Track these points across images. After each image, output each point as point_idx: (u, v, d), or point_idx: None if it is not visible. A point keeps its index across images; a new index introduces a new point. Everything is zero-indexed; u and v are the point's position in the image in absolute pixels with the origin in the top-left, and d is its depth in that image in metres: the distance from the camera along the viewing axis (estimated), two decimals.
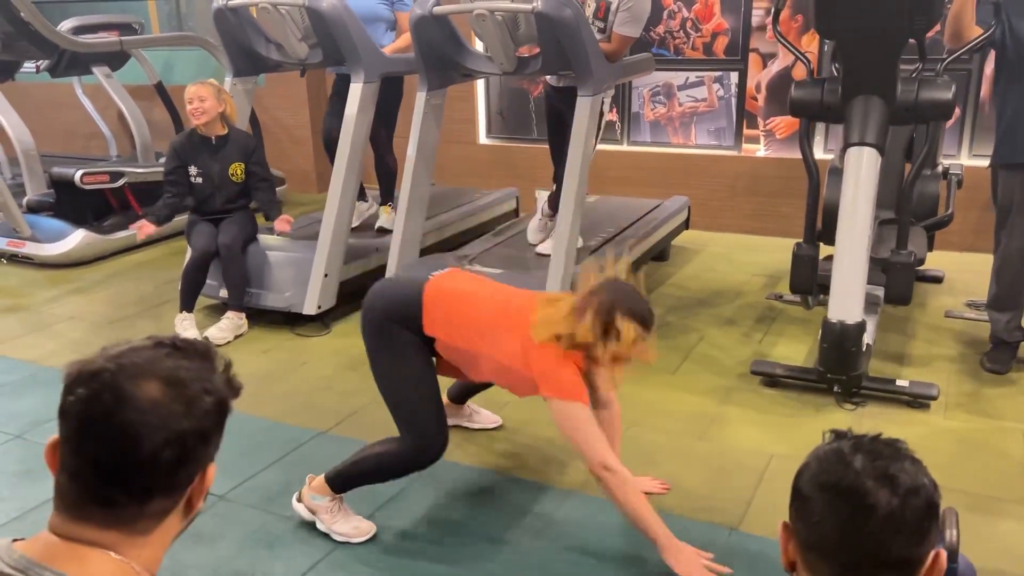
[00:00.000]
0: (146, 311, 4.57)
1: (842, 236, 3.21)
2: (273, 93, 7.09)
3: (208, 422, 1.02)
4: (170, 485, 1.00)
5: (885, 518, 1.00)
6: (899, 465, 1.04)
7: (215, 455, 1.07)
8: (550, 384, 2.27)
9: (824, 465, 1.07)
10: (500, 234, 4.83)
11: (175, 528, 1.05)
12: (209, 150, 4.17)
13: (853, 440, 1.09)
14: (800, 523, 1.08)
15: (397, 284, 2.77)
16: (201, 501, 1.07)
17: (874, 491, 1.01)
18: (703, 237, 5.68)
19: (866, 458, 1.05)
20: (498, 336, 2.38)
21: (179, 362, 1.01)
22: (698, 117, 5.89)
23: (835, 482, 1.04)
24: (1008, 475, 2.80)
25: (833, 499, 1.04)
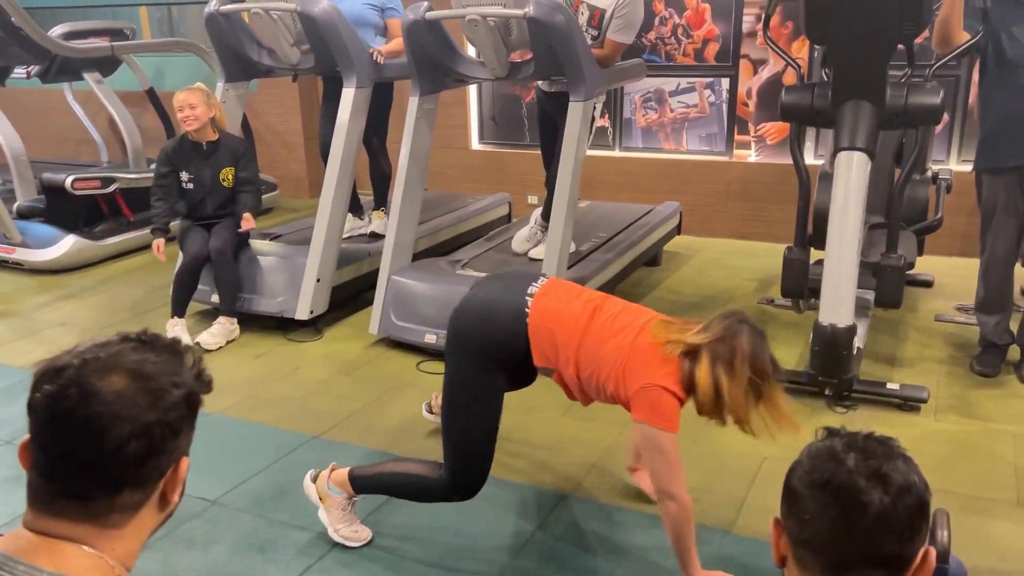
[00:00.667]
0: (137, 317, 4.56)
1: (832, 240, 3.22)
2: (265, 99, 7.09)
3: (175, 414, 1.02)
4: (139, 478, 1.00)
5: (877, 516, 1.01)
6: (891, 464, 1.04)
7: (187, 449, 1.07)
8: (646, 409, 2.13)
9: (817, 463, 1.07)
10: (493, 239, 4.83)
11: (151, 522, 1.06)
12: (200, 156, 4.16)
13: (846, 438, 1.10)
14: (792, 519, 1.09)
15: (495, 311, 2.32)
16: (176, 495, 1.07)
17: (867, 490, 1.02)
18: (695, 242, 5.70)
19: (859, 456, 1.05)
20: (600, 355, 2.21)
21: (145, 355, 1.02)
22: (689, 123, 5.92)
23: (827, 480, 1.04)
24: (998, 476, 2.81)
25: (826, 497, 1.04)
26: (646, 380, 2.12)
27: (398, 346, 4.00)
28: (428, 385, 3.62)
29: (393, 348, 4.01)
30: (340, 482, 2.51)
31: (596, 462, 2.91)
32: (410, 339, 3.91)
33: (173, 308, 4.13)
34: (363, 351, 4.01)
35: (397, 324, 3.95)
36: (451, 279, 4.01)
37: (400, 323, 3.94)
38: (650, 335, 2.17)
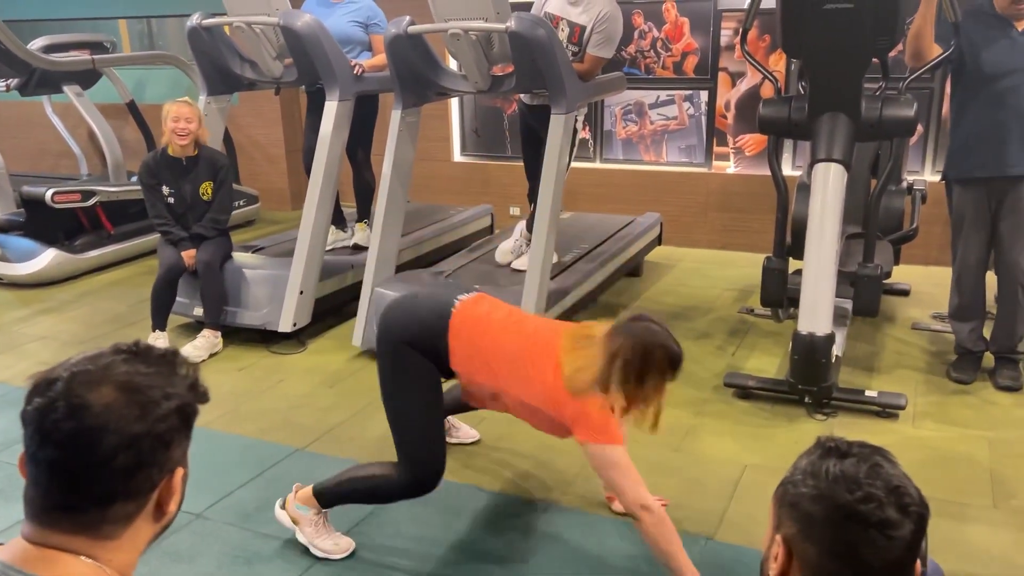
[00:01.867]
0: (118, 330, 4.54)
1: (811, 250, 3.28)
2: (247, 111, 7.10)
3: (165, 426, 1.02)
4: (130, 490, 1.01)
5: (905, 546, 1.04)
6: (911, 489, 1.07)
7: (183, 460, 1.08)
8: (585, 429, 2.21)
9: (845, 494, 1.06)
10: (475, 250, 4.86)
11: (147, 533, 1.06)
12: (180, 171, 4.16)
13: (868, 465, 1.08)
14: (811, 546, 1.08)
15: (419, 308, 2.48)
16: (172, 505, 1.07)
17: (899, 523, 1.04)
18: (676, 253, 5.75)
19: (885, 486, 1.05)
20: (524, 374, 2.30)
21: (136, 367, 1.03)
22: (669, 135, 5.99)
23: (862, 514, 1.04)
24: (974, 481, 2.86)
25: (859, 531, 1.04)
26: (576, 403, 2.21)
27: None
28: None
29: None
30: (305, 499, 2.54)
31: (580, 471, 2.93)
32: None
33: (153, 321, 4.12)
34: (346, 363, 4.02)
35: None
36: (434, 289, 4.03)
37: None
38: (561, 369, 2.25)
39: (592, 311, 4.61)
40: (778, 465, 2.96)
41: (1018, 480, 2.86)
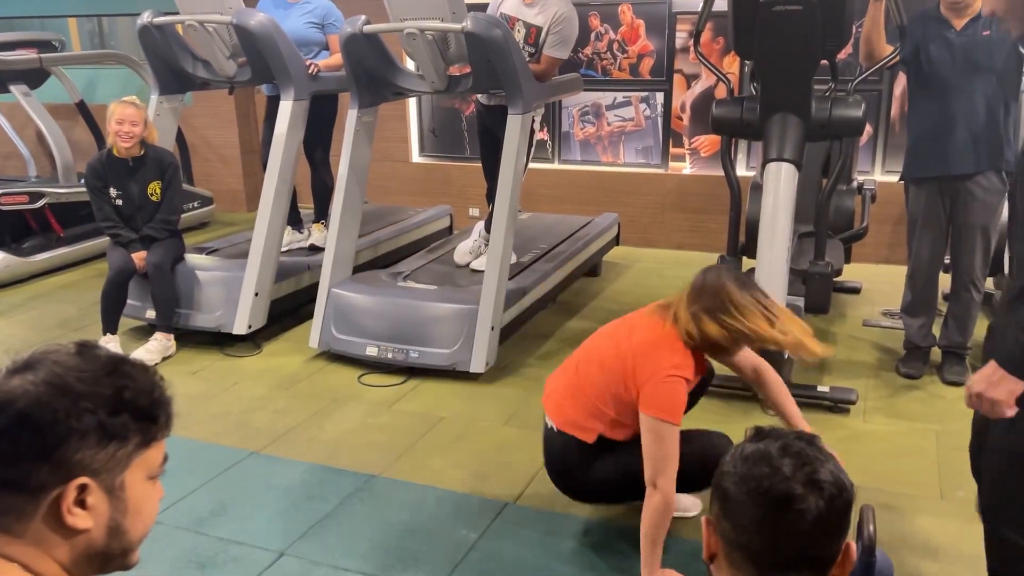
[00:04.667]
0: (69, 334, 4.44)
1: (763, 248, 3.33)
2: (201, 112, 6.99)
3: (67, 425, 0.96)
4: (11, 478, 0.96)
5: (814, 522, 1.05)
6: (824, 467, 1.08)
7: (96, 471, 0.99)
8: (655, 404, 2.22)
9: (754, 470, 1.09)
10: (434, 251, 4.85)
11: (54, 545, 0.98)
12: (126, 171, 4.08)
13: (778, 441, 1.12)
14: (727, 522, 1.11)
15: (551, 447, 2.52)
16: (79, 521, 0.98)
17: (804, 496, 1.05)
18: (634, 253, 5.80)
19: (793, 462, 1.08)
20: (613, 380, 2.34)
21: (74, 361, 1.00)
22: (626, 136, 6.03)
23: (767, 488, 1.07)
24: (923, 473, 2.93)
25: (764, 505, 1.07)
26: (655, 372, 2.21)
27: (339, 359, 3.98)
28: (370, 397, 3.61)
29: (334, 361, 3.98)
30: None
31: (538, 471, 2.93)
32: (351, 352, 3.89)
33: (104, 325, 4.04)
34: (303, 365, 3.98)
35: (338, 337, 3.93)
36: (392, 291, 4.01)
37: (341, 336, 3.92)
38: (647, 327, 2.33)
39: (551, 311, 4.63)
40: None
41: (964, 472, 2.88)
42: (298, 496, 2.84)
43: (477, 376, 3.72)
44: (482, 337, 3.68)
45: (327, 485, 2.91)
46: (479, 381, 3.72)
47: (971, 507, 2.69)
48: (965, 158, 3.35)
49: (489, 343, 3.69)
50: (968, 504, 2.72)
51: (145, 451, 1.05)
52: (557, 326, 4.45)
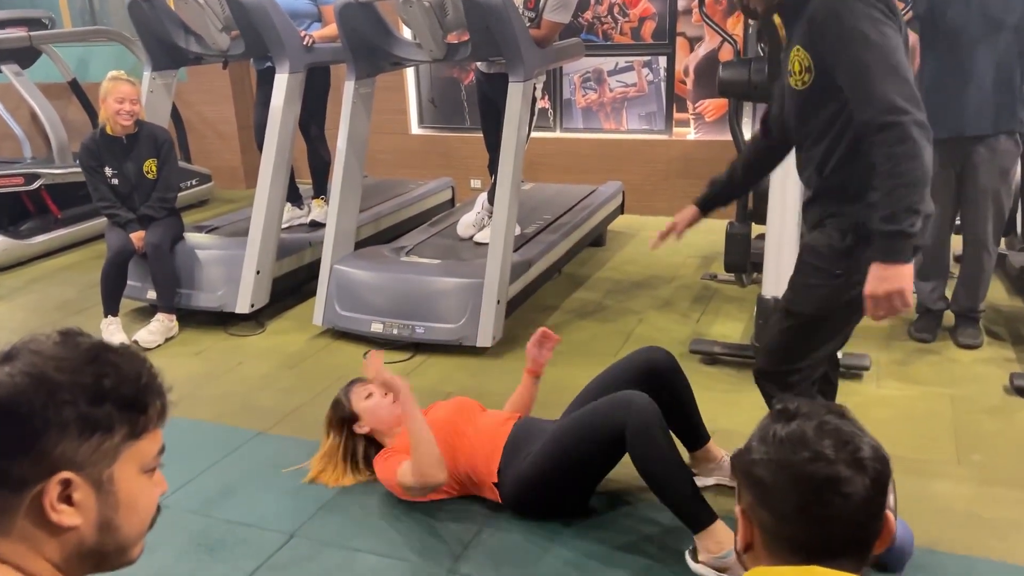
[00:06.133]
0: (70, 317, 4.40)
1: (773, 214, 3.26)
2: (196, 87, 6.90)
3: (45, 415, 0.92)
4: None
5: (861, 503, 1.00)
6: (865, 443, 1.03)
7: (79, 466, 0.94)
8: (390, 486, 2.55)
9: (792, 455, 1.03)
10: (436, 224, 4.78)
11: (42, 541, 0.94)
12: (120, 149, 4.01)
13: (815, 421, 1.05)
14: (765, 512, 1.05)
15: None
16: (64, 518, 0.93)
17: (851, 479, 1.00)
18: (638, 221, 5.72)
19: (834, 442, 1.02)
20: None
21: (59, 351, 0.95)
22: (629, 102, 5.93)
23: (810, 474, 1.01)
24: (938, 438, 2.89)
25: (809, 491, 1.01)
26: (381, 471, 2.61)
27: (343, 336, 3.93)
28: None
29: (338, 339, 3.94)
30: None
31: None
32: (356, 329, 3.85)
33: (105, 307, 3.99)
34: (307, 343, 3.94)
35: (342, 314, 3.88)
36: (396, 266, 3.96)
37: (345, 313, 3.88)
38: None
39: (556, 282, 4.57)
40: (746, 430, 2.94)
41: (979, 435, 2.89)
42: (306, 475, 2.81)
43: (484, 350, 3.68)
44: (488, 311, 3.63)
45: None
46: (486, 355, 3.67)
47: (988, 471, 2.67)
48: (980, 119, 3.27)
49: (495, 317, 3.64)
50: (985, 468, 2.69)
51: (135, 443, 0.99)
52: (563, 297, 4.40)
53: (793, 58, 1.99)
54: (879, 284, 1.87)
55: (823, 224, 2.08)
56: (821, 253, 2.06)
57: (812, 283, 2.08)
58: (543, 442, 2.38)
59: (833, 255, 2.04)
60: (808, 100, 2.01)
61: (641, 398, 2.25)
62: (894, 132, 1.82)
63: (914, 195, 1.83)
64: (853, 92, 1.88)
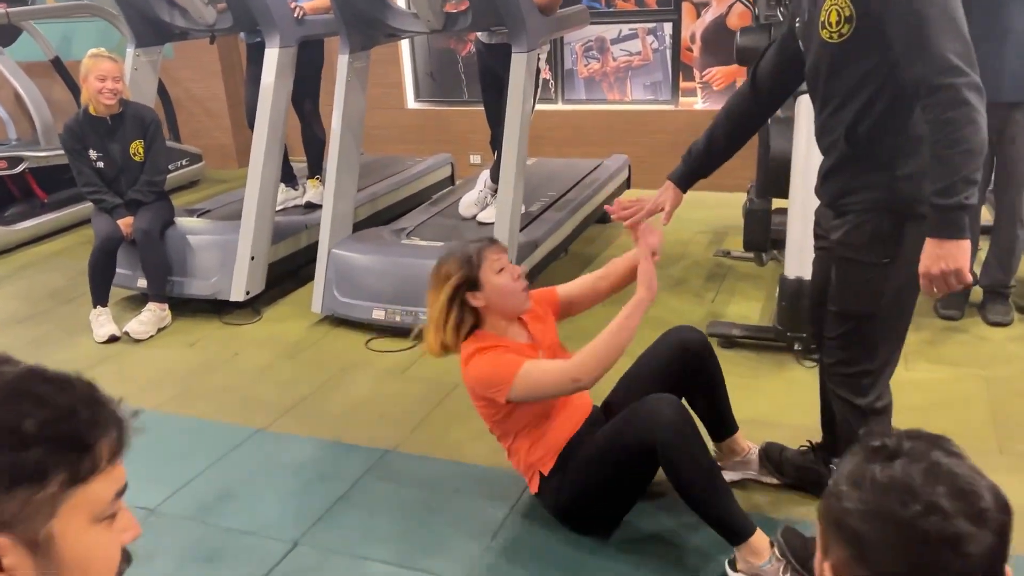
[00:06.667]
0: (60, 306, 4.22)
1: (796, 188, 3.09)
2: (183, 64, 6.67)
3: None
4: None
5: (983, 562, 0.84)
6: (983, 488, 0.86)
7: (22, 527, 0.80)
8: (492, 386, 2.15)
9: (900, 508, 0.85)
10: (437, 203, 4.60)
11: None
12: (105, 131, 3.81)
13: (921, 465, 0.87)
14: (865, 573, 0.88)
15: None
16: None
17: (973, 536, 0.83)
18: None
19: (949, 490, 0.84)
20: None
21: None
22: (633, 71, 5.72)
23: (924, 532, 0.84)
24: (976, 425, 2.74)
25: (924, 553, 0.84)
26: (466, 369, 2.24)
27: (344, 324, 3.77)
28: (379, 364, 3.41)
29: (339, 326, 3.77)
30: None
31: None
32: (356, 316, 3.68)
33: (94, 297, 3.81)
34: (306, 332, 3.77)
35: (341, 301, 3.71)
36: (397, 249, 3.78)
37: (345, 299, 3.71)
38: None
39: (563, 262, 4.40)
40: (771, 419, 2.81)
41: (1020, 421, 2.74)
42: (309, 477, 2.66)
43: None
44: None
45: (339, 463, 2.73)
46: None
47: None
48: (1018, 84, 3.08)
49: None
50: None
51: (80, 489, 0.82)
52: (571, 277, 4.17)
53: (830, 7, 1.79)
54: (935, 262, 1.71)
55: (843, 203, 1.89)
56: (857, 244, 1.87)
57: (857, 279, 1.90)
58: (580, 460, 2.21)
59: (875, 244, 1.86)
60: (843, 53, 1.81)
61: (669, 407, 2.08)
62: (948, 95, 1.65)
63: (971, 164, 1.66)
64: (906, 46, 1.70)
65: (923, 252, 1.73)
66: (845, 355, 1.99)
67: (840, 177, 1.91)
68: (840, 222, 1.92)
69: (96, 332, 3.75)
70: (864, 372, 1.98)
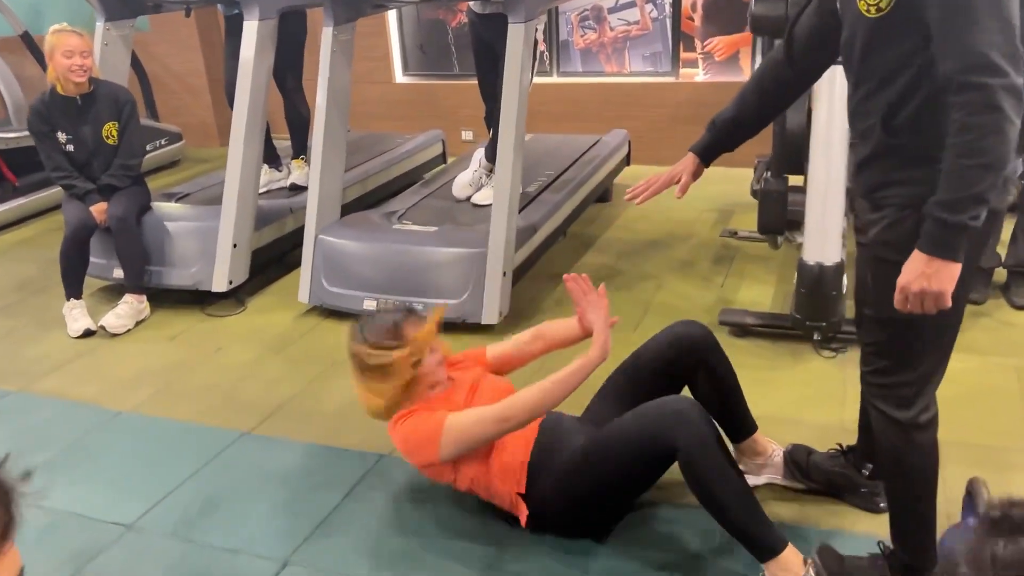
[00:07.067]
0: (31, 297, 4.00)
1: (816, 166, 2.88)
2: (160, 38, 6.38)
3: None
4: None
5: None
6: None
7: None
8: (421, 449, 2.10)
9: None
10: (429, 184, 4.38)
11: None
12: (75, 112, 3.57)
13: None
14: None
15: None
16: None
17: None
18: (644, 172, 5.23)
19: None
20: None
21: None
22: (631, 42, 5.48)
23: None
24: (1010, 419, 2.57)
25: None
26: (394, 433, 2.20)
27: (333, 315, 3.56)
28: None
29: (328, 317, 3.57)
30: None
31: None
32: (346, 306, 3.47)
33: (67, 290, 3.59)
34: (294, 323, 3.56)
35: (330, 291, 3.50)
36: (388, 235, 3.56)
37: (334, 289, 3.50)
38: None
39: (562, 245, 4.20)
40: (790, 415, 2.64)
41: None
42: (300, 486, 2.47)
43: (490, 328, 3.31)
44: (493, 284, 3.26)
45: (332, 470, 2.54)
46: (493, 332, 3.31)
47: None
48: None
49: (501, 290, 3.28)
50: None
51: None
52: (571, 263, 4.03)
53: None
54: (918, 279, 1.52)
55: (880, 196, 1.67)
56: (895, 244, 1.64)
57: (895, 283, 1.68)
58: (574, 456, 2.04)
59: (914, 244, 1.64)
60: (881, 31, 1.57)
61: (692, 409, 1.92)
62: (979, 96, 1.42)
63: (986, 180, 1.44)
64: (941, 34, 1.46)
65: (908, 263, 1.54)
66: (883, 364, 1.78)
67: (877, 168, 1.68)
68: (877, 216, 1.70)
69: (70, 326, 3.53)
70: (904, 383, 1.77)
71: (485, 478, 2.12)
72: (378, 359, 2.11)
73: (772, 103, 2.04)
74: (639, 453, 1.95)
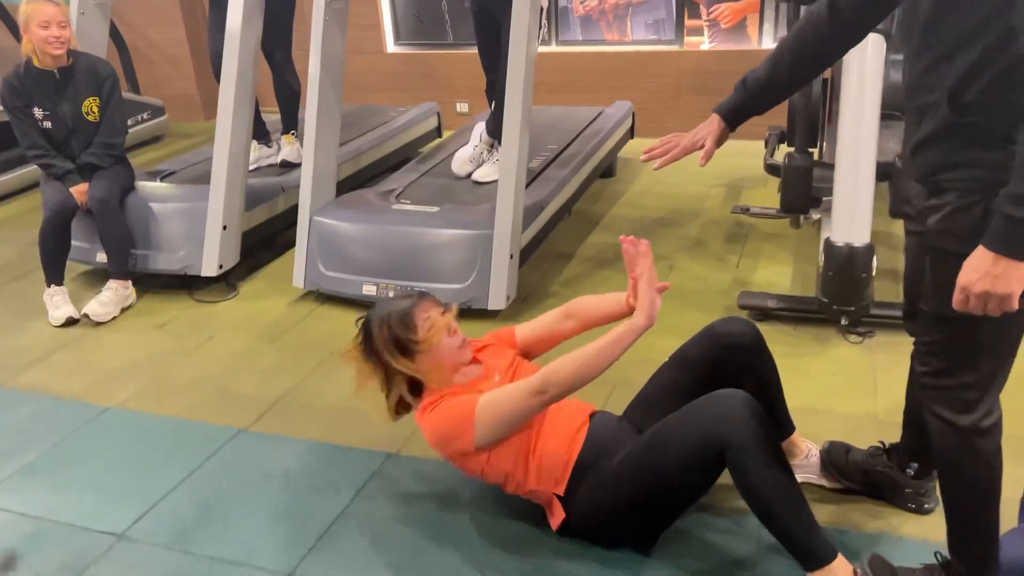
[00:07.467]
0: (9, 283, 3.80)
1: (846, 141, 2.72)
2: (139, 7, 6.12)
3: None
4: None
5: None
6: None
7: None
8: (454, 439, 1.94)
9: None
10: (427, 160, 4.19)
11: None
12: (53, 86, 3.36)
13: None
14: None
15: None
16: None
17: None
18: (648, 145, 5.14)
19: None
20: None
21: None
22: (633, 8, 5.27)
23: None
24: None
25: None
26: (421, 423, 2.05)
27: (330, 300, 3.38)
28: None
29: (324, 303, 3.39)
30: None
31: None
32: (344, 292, 3.30)
33: (47, 276, 3.40)
34: (288, 310, 3.38)
35: (326, 275, 3.32)
36: (387, 216, 3.38)
37: (330, 273, 3.32)
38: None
39: (567, 223, 4.03)
40: (818, 405, 2.50)
41: None
42: (302, 488, 2.31)
43: (496, 313, 3.15)
44: (500, 267, 3.09)
45: (336, 470, 2.38)
46: (499, 318, 3.15)
47: None
48: None
49: (508, 274, 3.11)
50: None
51: None
52: (578, 242, 3.86)
53: None
54: (981, 279, 1.38)
55: (941, 179, 1.50)
56: (960, 234, 1.48)
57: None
58: (622, 462, 1.89)
59: (982, 234, 1.46)
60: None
61: (745, 405, 1.77)
62: None
63: None
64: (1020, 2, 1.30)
65: (971, 260, 1.39)
66: (941, 365, 1.62)
67: (939, 149, 1.50)
68: (938, 202, 1.52)
69: (52, 314, 3.34)
70: (964, 385, 1.62)
71: (521, 474, 1.96)
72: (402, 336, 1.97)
73: (809, 64, 1.85)
74: (688, 455, 1.80)
